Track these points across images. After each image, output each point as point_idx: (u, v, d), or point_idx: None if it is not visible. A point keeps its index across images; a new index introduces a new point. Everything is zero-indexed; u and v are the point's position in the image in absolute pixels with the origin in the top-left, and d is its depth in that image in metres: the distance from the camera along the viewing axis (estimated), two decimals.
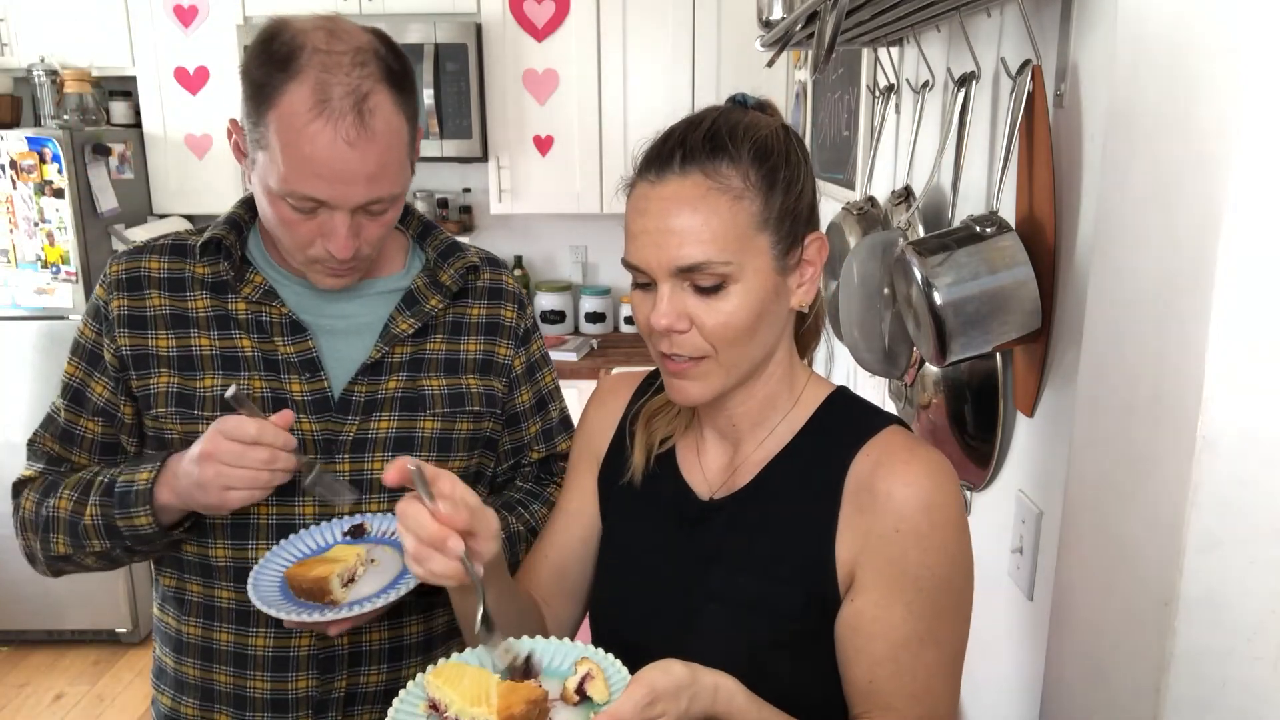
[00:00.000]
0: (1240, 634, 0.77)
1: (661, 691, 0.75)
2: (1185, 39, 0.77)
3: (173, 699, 1.22)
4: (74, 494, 1.14)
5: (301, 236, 1.08)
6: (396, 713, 0.80)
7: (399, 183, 1.09)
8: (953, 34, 1.45)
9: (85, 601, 3.48)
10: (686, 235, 0.84)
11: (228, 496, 1.02)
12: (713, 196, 0.84)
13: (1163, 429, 0.78)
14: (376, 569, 1.07)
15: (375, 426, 1.16)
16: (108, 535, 1.11)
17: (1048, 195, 1.10)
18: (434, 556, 0.83)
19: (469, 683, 0.80)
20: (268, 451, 1.00)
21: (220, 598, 1.17)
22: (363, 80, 1.02)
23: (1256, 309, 0.71)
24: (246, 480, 1.01)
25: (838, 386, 0.99)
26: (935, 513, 0.86)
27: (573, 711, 0.80)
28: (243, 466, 1.00)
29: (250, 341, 1.16)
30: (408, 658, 1.21)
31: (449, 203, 3.90)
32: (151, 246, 1.20)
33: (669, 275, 0.85)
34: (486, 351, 1.24)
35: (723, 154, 0.86)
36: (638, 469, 1.00)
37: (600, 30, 3.45)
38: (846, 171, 2.38)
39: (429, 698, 0.82)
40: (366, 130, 1.02)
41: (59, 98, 3.46)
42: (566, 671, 0.84)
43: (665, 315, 0.86)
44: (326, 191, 1.03)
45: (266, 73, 1.03)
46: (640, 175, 0.89)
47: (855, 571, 0.88)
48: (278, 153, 1.03)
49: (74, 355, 1.20)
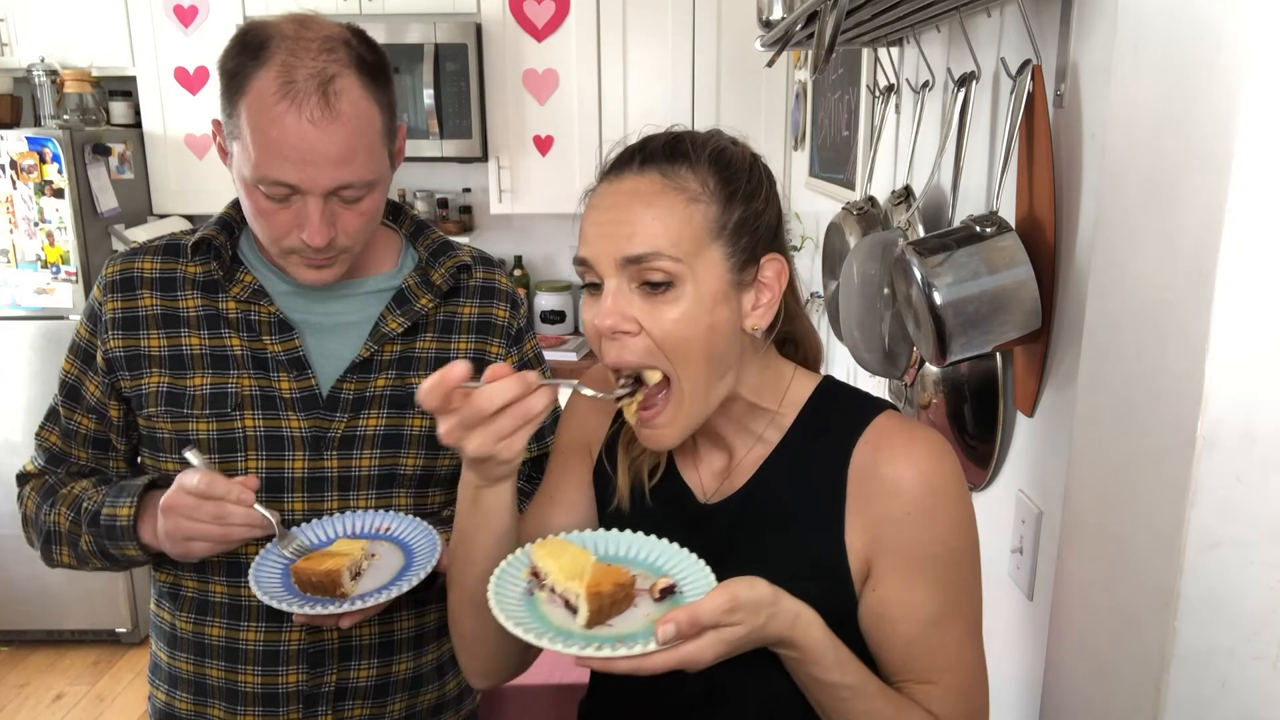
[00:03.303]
0: (1240, 634, 0.77)
1: (743, 602, 0.75)
2: (1185, 39, 0.77)
3: (167, 694, 1.23)
4: (70, 514, 1.17)
5: (278, 227, 1.08)
6: (501, 573, 0.85)
7: (371, 169, 1.08)
8: (953, 34, 1.45)
9: (85, 601, 3.48)
10: (637, 226, 0.84)
11: (190, 548, 1.06)
12: (668, 195, 0.85)
13: (1163, 429, 0.78)
14: (378, 562, 1.09)
15: (363, 424, 1.17)
16: (104, 558, 1.16)
17: (1048, 195, 1.10)
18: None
19: (569, 559, 0.84)
20: (215, 505, 1.03)
21: (213, 592, 1.18)
22: (329, 64, 1.03)
23: (1257, 309, 0.71)
24: (200, 533, 1.04)
25: (824, 377, 0.98)
26: (942, 489, 0.88)
27: (653, 605, 0.82)
28: (197, 520, 1.03)
29: (240, 340, 1.17)
30: (398, 653, 1.22)
31: (449, 203, 3.90)
32: (146, 247, 1.22)
33: (616, 269, 0.84)
34: (478, 351, 1.24)
35: (682, 159, 0.86)
36: (624, 496, 0.99)
37: (600, 30, 3.45)
38: (846, 171, 2.38)
39: (532, 565, 0.86)
40: (331, 111, 1.02)
41: (59, 98, 3.46)
42: (662, 568, 0.87)
43: (609, 314, 0.84)
44: (295, 174, 1.03)
45: (238, 63, 1.04)
46: (601, 178, 0.90)
47: (870, 559, 0.89)
48: (249, 140, 1.04)
49: (71, 353, 1.22)
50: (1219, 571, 0.76)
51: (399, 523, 1.14)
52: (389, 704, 1.22)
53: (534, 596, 0.84)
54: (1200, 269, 0.73)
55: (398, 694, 1.23)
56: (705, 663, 0.75)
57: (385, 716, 1.23)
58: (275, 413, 1.15)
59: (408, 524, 1.13)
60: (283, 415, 1.15)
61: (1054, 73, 1.10)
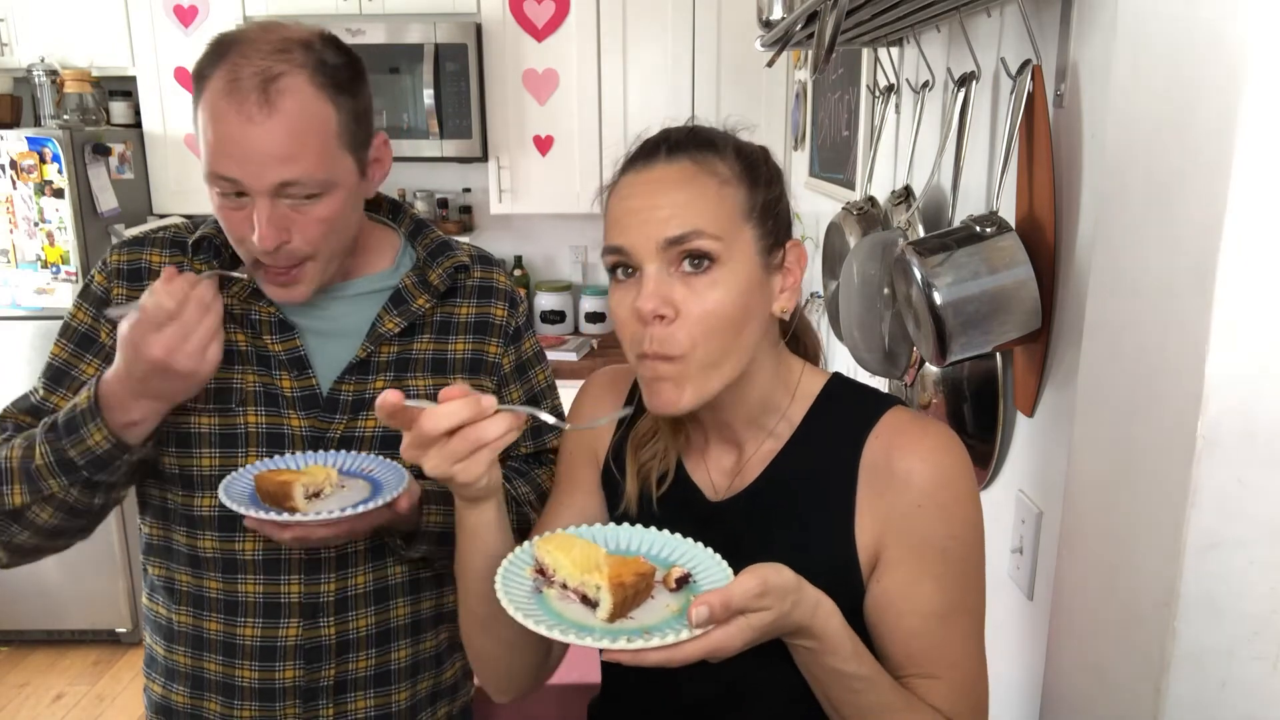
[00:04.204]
0: (1240, 634, 0.77)
1: (773, 586, 0.75)
2: (1185, 39, 0.77)
3: (163, 687, 1.23)
4: (23, 442, 1.09)
5: (236, 228, 1.08)
6: (505, 572, 0.82)
7: (322, 169, 1.06)
8: (953, 34, 1.45)
9: (85, 601, 3.48)
10: (674, 209, 0.85)
11: (209, 355, 1.02)
12: (701, 178, 0.86)
13: (1163, 429, 0.78)
14: (344, 493, 1.07)
15: (362, 425, 1.17)
16: (63, 471, 1.05)
17: (1048, 195, 1.10)
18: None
19: (578, 553, 0.81)
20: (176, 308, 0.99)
21: (209, 587, 1.17)
22: (276, 64, 1.04)
23: (1257, 309, 0.71)
24: (178, 335, 0.99)
25: (833, 374, 0.99)
26: (954, 484, 0.88)
27: (671, 596, 0.81)
28: (163, 329, 0.99)
29: (244, 336, 1.17)
30: (395, 640, 1.22)
31: (449, 203, 3.90)
32: (151, 239, 1.21)
33: (656, 253, 0.85)
34: (475, 351, 1.24)
35: (708, 146, 0.89)
36: (632, 500, 0.99)
37: (600, 30, 3.45)
38: (846, 171, 2.38)
39: (537, 563, 0.83)
40: (269, 108, 1.03)
41: (59, 98, 3.46)
42: (670, 561, 0.85)
43: (651, 297, 0.84)
44: (237, 170, 1.04)
45: (201, 66, 1.06)
46: (625, 170, 0.90)
47: (879, 552, 0.89)
48: (203, 139, 1.06)
49: (62, 337, 1.19)
50: (1219, 571, 0.76)
51: (384, 468, 1.12)
52: (391, 694, 1.23)
53: (543, 595, 0.82)
54: (1200, 269, 0.73)
55: (398, 683, 1.23)
56: (733, 650, 0.74)
57: (389, 706, 1.23)
58: (277, 410, 1.16)
59: (390, 469, 1.12)
60: (284, 413, 1.16)
61: (1054, 73, 1.10)
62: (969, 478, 0.90)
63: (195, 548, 1.17)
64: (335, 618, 1.18)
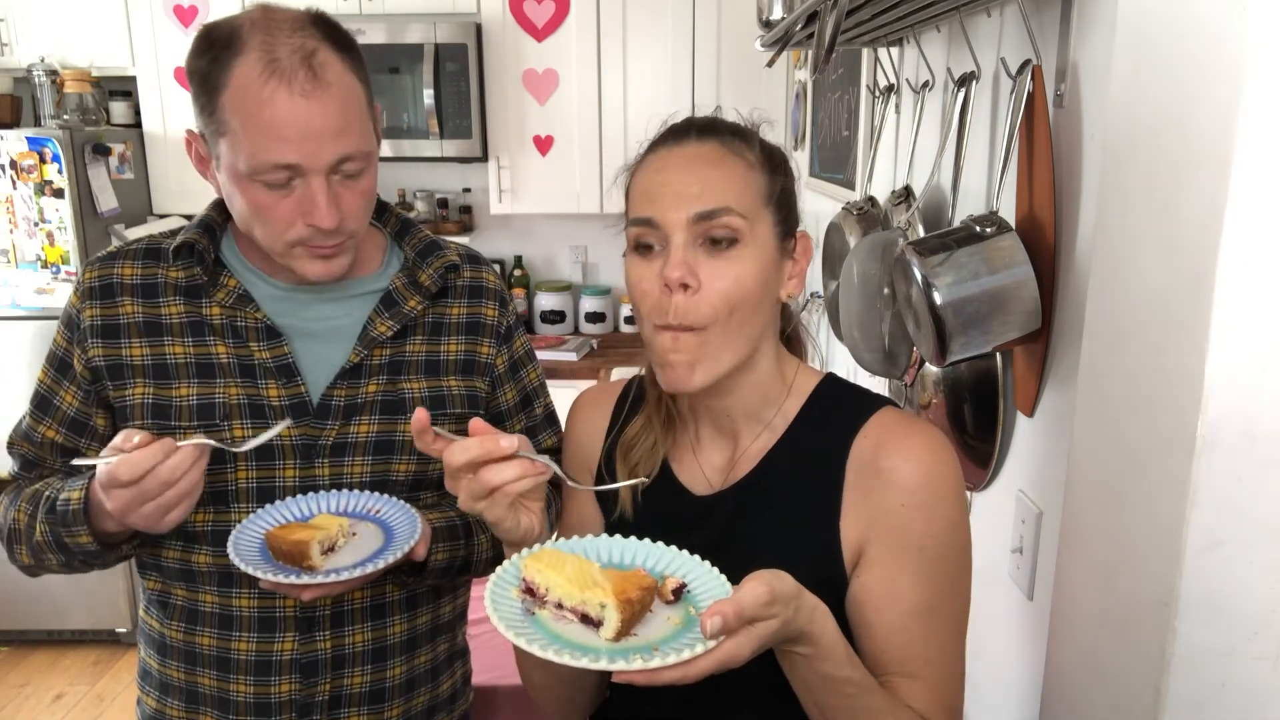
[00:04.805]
0: (1240, 634, 0.77)
1: (779, 594, 0.74)
2: (1185, 39, 0.77)
3: (158, 700, 1.21)
4: (29, 508, 1.13)
5: (281, 219, 1.05)
6: (493, 596, 0.79)
7: (366, 140, 1.07)
8: (953, 34, 1.45)
9: (85, 601, 3.48)
10: (707, 185, 0.88)
11: (165, 521, 1.00)
12: (730, 160, 0.90)
13: (1163, 429, 0.78)
14: (357, 542, 1.07)
15: (355, 431, 1.15)
16: (59, 550, 1.10)
17: (1048, 195, 1.10)
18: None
19: (571, 569, 0.78)
20: (148, 480, 0.96)
21: (203, 602, 1.16)
22: (306, 40, 1.02)
23: (1257, 309, 0.71)
24: (157, 508, 0.98)
25: (826, 373, 1.01)
26: (938, 484, 0.90)
27: (669, 608, 0.80)
28: (146, 502, 0.97)
29: (225, 347, 1.14)
30: (391, 658, 1.21)
31: (449, 203, 3.90)
32: (125, 251, 1.18)
33: (684, 226, 0.87)
34: (468, 351, 1.23)
35: (736, 132, 0.93)
36: (626, 502, 1.00)
37: (600, 30, 3.45)
38: (846, 171, 2.38)
39: (524, 583, 0.80)
40: (321, 82, 1.01)
41: (59, 98, 3.46)
42: (660, 571, 0.84)
43: (679, 265, 0.86)
44: (295, 153, 1.01)
45: (210, 59, 1.03)
46: (654, 148, 0.93)
47: (862, 549, 0.90)
48: (239, 132, 1.01)
49: (46, 363, 1.19)
50: (1219, 571, 0.76)
51: (389, 507, 1.11)
52: (385, 710, 1.21)
53: (535, 616, 0.78)
54: (1200, 269, 0.73)
55: (393, 699, 1.22)
56: (742, 660, 0.73)
57: None
58: (265, 422, 1.12)
59: (397, 509, 1.11)
60: (272, 424, 1.11)
61: (1054, 73, 1.10)
62: (954, 479, 0.91)
63: (189, 563, 1.15)
64: (331, 632, 1.16)
